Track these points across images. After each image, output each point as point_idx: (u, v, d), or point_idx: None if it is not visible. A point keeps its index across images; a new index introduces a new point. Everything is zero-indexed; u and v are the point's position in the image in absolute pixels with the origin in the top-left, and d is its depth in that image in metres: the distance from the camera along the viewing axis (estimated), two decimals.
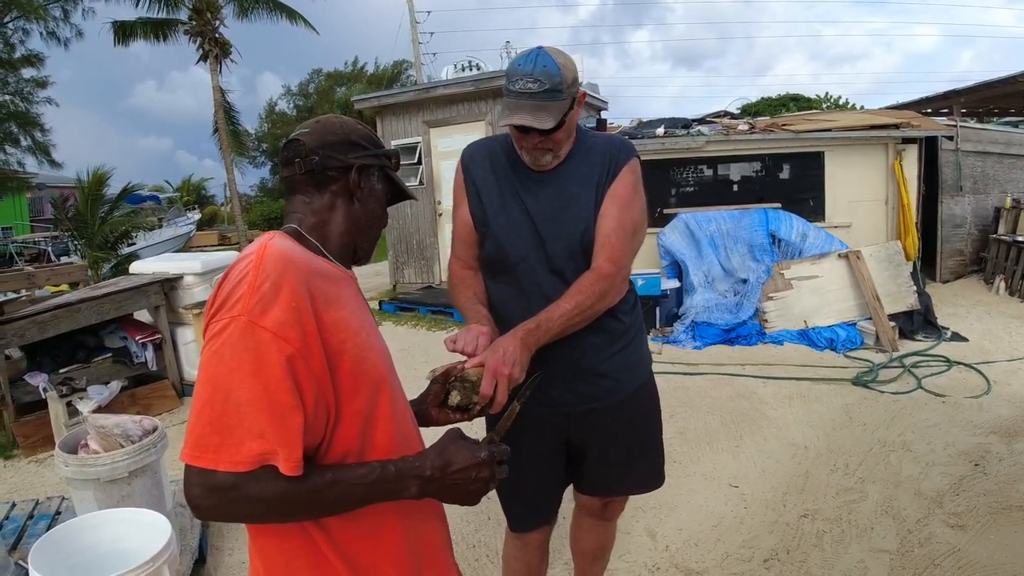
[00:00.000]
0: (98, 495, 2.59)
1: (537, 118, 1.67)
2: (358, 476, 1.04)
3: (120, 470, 2.60)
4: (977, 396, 4.74)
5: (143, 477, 2.70)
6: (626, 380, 1.94)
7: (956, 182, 8.64)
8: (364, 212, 1.28)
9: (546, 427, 1.92)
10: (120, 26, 15.60)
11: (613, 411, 1.93)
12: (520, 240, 1.83)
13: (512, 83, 1.70)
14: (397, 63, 38.03)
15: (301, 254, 1.11)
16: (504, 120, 1.71)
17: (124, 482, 2.63)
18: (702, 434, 4.36)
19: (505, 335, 1.55)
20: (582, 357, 1.85)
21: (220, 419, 0.96)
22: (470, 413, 1.45)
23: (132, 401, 5.08)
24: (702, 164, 8.33)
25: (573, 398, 1.88)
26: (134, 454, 2.65)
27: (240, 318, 0.98)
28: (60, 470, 2.63)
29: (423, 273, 10.48)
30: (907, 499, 3.33)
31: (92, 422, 2.74)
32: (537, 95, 1.67)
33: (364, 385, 1.11)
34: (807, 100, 25.66)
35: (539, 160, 1.81)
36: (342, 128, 1.25)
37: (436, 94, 9.90)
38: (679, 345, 6.56)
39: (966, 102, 12.16)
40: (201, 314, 5.15)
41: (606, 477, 2.05)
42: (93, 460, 2.58)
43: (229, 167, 16.96)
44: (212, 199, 38.56)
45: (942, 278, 8.72)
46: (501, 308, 1.86)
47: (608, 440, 1.97)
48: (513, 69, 1.72)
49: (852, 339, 6.29)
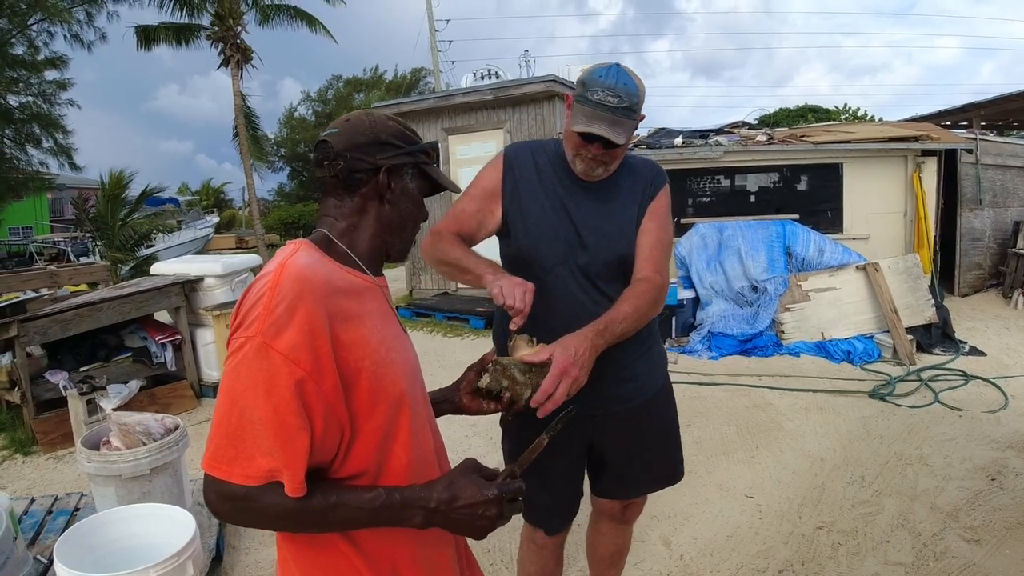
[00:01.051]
0: (119, 491, 2.63)
1: (613, 131, 1.70)
2: (363, 501, 1.06)
3: (142, 467, 2.64)
4: (995, 411, 4.70)
5: (164, 475, 2.74)
6: (648, 382, 2.00)
7: (975, 195, 8.58)
8: (396, 213, 1.25)
9: (570, 430, 1.93)
10: (143, 30, 15.83)
11: (636, 413, 1.98)
12: (558, 245, 1.85)
13: (591, 92, 1.72)
14: (416, 71, 38.31)
15: (322, 271, 1.10)
16: (579, 127, 1.73)
17: (145, 479, 2.67)
18: (718, 444, 4.35)
19: (574, 334, 1.54)
20: (611, 360, 1.84)
21: (236, 433, 1.00)
22: (501, 402, 1.41)
23: (151, 401, 5.13)
24: (719, 174, 8.31)
25: (600, 401, 1.90)
26: (156, 452, 2.69)
27: (255, 339, 1.00)
28: (82, 466, 2.67)
29: (439, 279, 10.52)
30: (923, 512, 3.31)
31: (115, 419, 2.79)
32: (616, 110, 1.70)
33: (382, 402, 1.12)
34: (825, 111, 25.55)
35: (593, 171, 1.83)
36: (371, 127, 1.20)
37: (455, 102, 9.96)
38: (695, 355, 6.55)
39: (986, 115, 12.06)
40: (221, 316, 5.22)
41: (627, 480, 2.08)
42: (116, 457, 2.62)
43: (248, 171, 17.12)
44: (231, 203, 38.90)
45: (960, 292, 8.65)
46: None
47: (631, 442, 2.00)
48: (593, 79, 1.73)
49: (869, 352, 6.25)
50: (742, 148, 8.19)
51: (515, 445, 1.98)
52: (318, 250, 1.16)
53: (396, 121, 1.25)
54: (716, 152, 8.12)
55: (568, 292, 1.84)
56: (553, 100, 9.23)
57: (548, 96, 9.19)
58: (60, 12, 14.27)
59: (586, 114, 1.72)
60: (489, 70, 11.16)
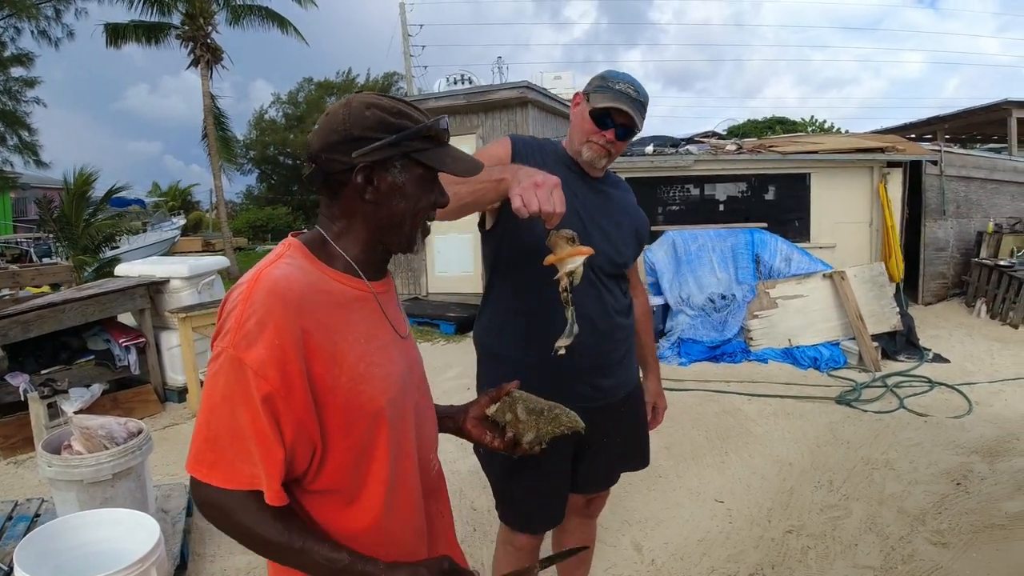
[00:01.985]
0: (81, 497, 2.56)
1: (636, 115, 1.80)
2: (326, 559, 1.04)
3: (104, 472, 2.57)
4: (959, 416, 4.79)
5: (127, 480, 2.67)
6: (631, 376, 2.08)
7: (939, 206, 8.77)
8: (386, 212, 1.13)
9: None
10: (112, 28, 15.56)
11: (619, 407, 2.02)
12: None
13: (611, 83, 1.81)
14: (388, 75, 38.14)
15: (300, 282, 1.05)
16: (604, 103, 1.79)
17: (108, 484, 2.60)
18: (688, 449, 4.37)
19: (654, 382, 2.26)
20: (609, 351, 1.94)
21: (216, 438, 1.00)
22: (503, 438, 1.36)
23: (114, 404, 5.01)
24: (689, 183, 8.40)
25: (596, 393, 1.94)
26: (119, 456, 2.63)
27: (228, 350, 0.99)
28: (43, 470, 2.59)
29: (410, 284, 10.46)
30: (891, 516, 3.36)
31: (77, 423, 2.72)
32: (636, 102, 1.80)
33: (359, 420, 1.09)
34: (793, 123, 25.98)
35: (599, 161, 1.88)
36: (344, 122, 1.09)
37: (428, 106, 9.91)
38: (665, 361, 6.58)
39: (950, 128, 12.39)
40: (187, 319, 5.12)
41: (599, 473, 2.10)
42: (78, 461, 2.55)
43: (217, 173, 16.89)
44: (198, 205, 38.33)
45: (924, 300, 8.83)
46: (521, 301, 1.88)
47: (608, 436, 2.02)
48: (612, 74, 1.84)
49: (836, 358, 6.35)
50: (712, 157, 8.29)
51: (492, 455, 1.95)
52: (307, 254, 1.12)
53: (378, 107, 1.11)
54: (687, 160, 8.20)
55: None
56: (526, 106, 9.25)
57: (521, 102, 9.21)
58: (28, 8, 13.95)
59: (608, 97, 1.79)
60: (462, 75, 11.17)
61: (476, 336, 2.05)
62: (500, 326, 1.94)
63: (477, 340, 2.05)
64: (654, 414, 2.28)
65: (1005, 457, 4.03)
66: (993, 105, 11.48)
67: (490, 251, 1.95)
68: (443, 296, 10.07)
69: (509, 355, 1.91)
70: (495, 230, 1.90)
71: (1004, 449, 4.16)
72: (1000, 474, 3.79)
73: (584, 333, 1.83)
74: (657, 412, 2.29)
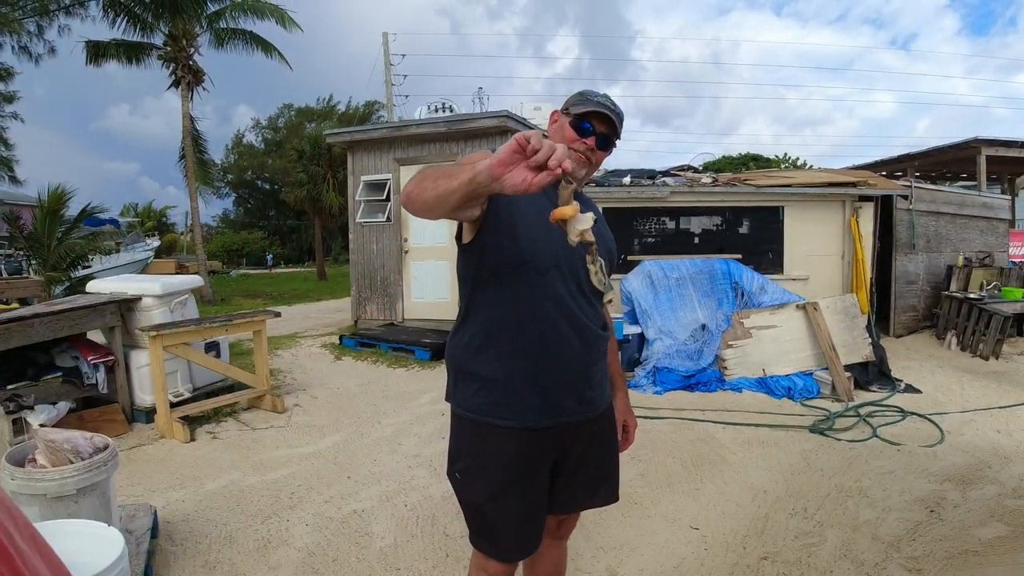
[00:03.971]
0: (43, 511, 2.48)
1: (617, 122, 1.89)
2: None
3: (68, 487, 2.50)
4: (931, 445, 4.84)
5: (91, 496, 2.59)
6: (608, 390, 2.05)
7: (910, 240, 8.96)
8: None
9: (547, 443, 1.88)
10: (93, 46, 15.48)
11: (599, 420, 2.00)
12: (553, 246, 1.78)
13: (591, 96, 1.89)
14: (369, 103, 38.47)
15: None
16: (583, 108, 1.85)
17: (71, 499, 2.52)
18: (663, 477, 4.35)
19: (622, 400, 2.23)
20: (595, 362, 1.92)
21: None
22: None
23: (79, 423, 4.87)
24: (665, 215, 8.51)
25: (581, 406, 1.91)
26: (84, 471, 2.55)
27: None
28: (4, 483, 2.51)
29: (385, 310, 10.40)
30: (865, 543, 3.36)
31: (41, 435, 2.64)
32: (614, 112, 1.88)
33: None
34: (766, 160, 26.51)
35: (580, 170, 1.88)
36: None
37: (408, 132, 9.98)
38: (640, 390, 6.59)
39: (920, 166, 12.68)
40: (157, 337, 5.03)
41: (572, 493, 2.04)
42: (41, 475, 2.47)
43: (193, 195, 16.74)
44: (172, 227, 37.96)
45: (896, 332, 8.96)
46: (507, 315, 1.81)
47: (583, 454, 1.99)
48: (590, 91, 1.91)
49: (809, 388, 6.39)
50: (688, 189, 8.41)
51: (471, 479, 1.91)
52: None
53: None
54: (663, 192, 8.31)
55: (558, 296, 1.81)
56: (506, 135, 9.32)
57: (501, 131, 9.29)
58: (10, 23, 13.86)
59: (589, 105, 1.86)
60: (443, 103, 11.25)
61: (451, 355, 1.95)
62: (482, 342, 1.85)
63: (452, 359, 1.95)
64: (625, 433, 2.24)
65: (977, 485, 4.07)
66: (963, 143, 11.80)
67: (470, 265, 1.87)
68: (418, 322, 10.02)
69: (488, 374, 1.83)
70: (476, 243, 1.82)
71: (976, 477, 4.20)
72: (973, 501, 3.82)
73: (576, 343, 1.84)
74: (628, 431, 2.25)
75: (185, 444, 4.99)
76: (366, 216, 10.50)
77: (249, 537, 3.48)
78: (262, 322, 6.04)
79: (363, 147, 10.53)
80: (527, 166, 1.31)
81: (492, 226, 1.76)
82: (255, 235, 38.55)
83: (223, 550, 3.33)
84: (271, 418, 5.73)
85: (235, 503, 3.92)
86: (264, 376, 6.03)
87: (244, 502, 3.94)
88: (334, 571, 3.14)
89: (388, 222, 10.26)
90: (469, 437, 1.90)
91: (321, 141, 20.95)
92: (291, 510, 3.83)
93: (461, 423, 1.92)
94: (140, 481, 4.26)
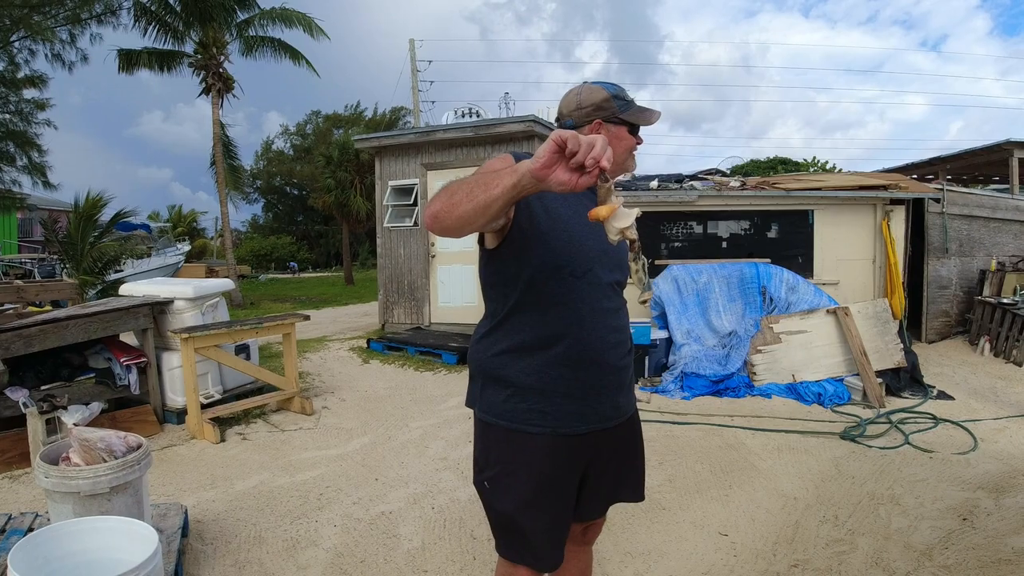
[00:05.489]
0: (77, 509, 2.52)
1: None
2: None
3: (102, 485, 2.54)
4: (964, 452, 4.74)
5: (124, 494, 2.63)
6: (634, 397, 2.03)
7: (943, 244, 8.79)
8: None
9: (580, 449, 1.84)
10: (125, 54, 15.79)
11: (626, 427, 1.97)
12: (589, 250, 1.75)
13: (625, 94, 1.92)
14: (396, 109, 38.76)
15: None
16: (647, 117, 1.92)
17: (104, 498, 2.56)
18: (691, 482, 4.31)
19: None
20: (625, 368, 1.91)
21: None
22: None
23: (112, 424, 4.96)
24: (693, 220, 8.43)
25: (615, 412, 1.89)
26: (117, 469, 2.59)
27: None
28: (40, 481, 2.56)
29: (413, 314, 10.46)
30: (897, 551, 3.30)
31: (76, 434, 2.69)
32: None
33: None
34: (795, 164, 26.19)
35: (631, 163, 1.97)
36: None
37: (436, 138, 10.03)
38: (667, 395, 6.54)
39: (952, 168, 12.46)
40: (189, 339, 5.11)
41: (600, 497, 2.01)
42: (75, 472, 2.52)
43: (223, 200, 16.99)
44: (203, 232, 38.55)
45: (928, 338, 8.79)
46: (546, 326, 1.74)
47: (611, 459, 1.96)
48: (618, 88, 1.93)
49: (840, 394, 6.30)
50: (716, 193, 8.33)
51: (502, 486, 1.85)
52: None
53: None
54: (691, 196, 8.25)
55: (595, 299, 1.77)
56: (532, 140, 9.33)
57: (528, 136, 9.30)
58: (43, 31, 14.18)
59: (645, 114, 1.92)
60: (470, 108, 11.30)
61: (478, 360, 1.88)
62: (516, 348, 1.77)
63: (479, 364, 1.88)
64: None
65: (1011, 493, 3.98)
66: (995, 145, 11.57)
67: (498, 271, 1.78)
68: (445, 326, 10.05)
69: (523, 381, 1.77)
70: (505, 248, 1.73)
71: (1010, 485, 4.10)
72: (1007, 509, 3.73)
73: (612, 349, 1.83)
74: None
75: (215, 445, 5.05)
76: (393, 221, 10.57)
77: (278, 537, 3.51)
78: (291, 325, 6.10)
79: (391, 152, 10.61)
80: (567, 167, 1.27)
81: (524, 230, 1.69)
82: (284, 240, 39.01)
83: (252, 550, 3.36)
84: (300, 420, 5.78)
85: (264, 503, 3.96)
86: (293, 378, 6.09)
87: (273, 503, 3.97)
88: (362, 572, 3.16)
89: (415, 226, 10.32)
90: (498, 444, 1.83)
91: (349, 147, 21.16)
92: (320, 511, 3.85)
93: (489, 429, 1.86)
94: (171, 481, 4.32)
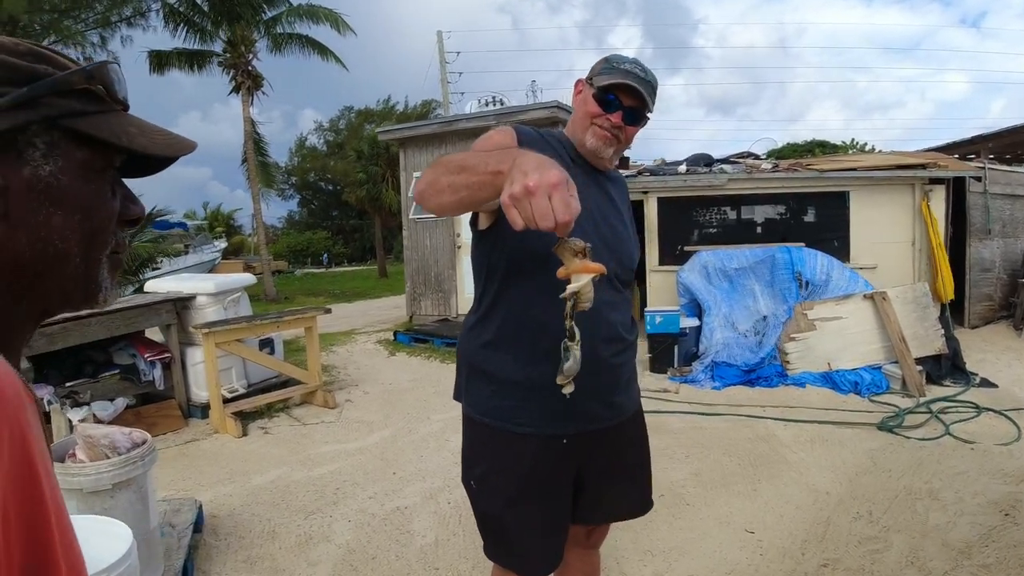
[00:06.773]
0: (80, 506, 2.50)
1: (646, 94, 1.64)
2: None
3: (104, 481, 2.51)
4: (1007, 443, 4.51)
5: (127, 491, 2.60)
6: (635, 395, 1.89)
7: (985, 225, 8.43)
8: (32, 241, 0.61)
9: (571, 451, 1.73)
10: (156, 55, 16.00)
11: (626, 427, 1.85)
12: (581, 235, 1.65)
13: (617, 63, 1.66)
14: (426, 102, 38.79)
15: None
16: (609, 79, 1.62)
17: (107, 494, 2.53)
18: (717, 476, 4.17)
19: None
20: (625, 363, 1.79)
21: None
22: None
23: (137, 419, 5.00)
24: (725, 204, 8.20)
25: (610, 412, 1.77)
26: (119, 466, 2.56)
27: None
28: None
29: (440, 305, 10.42)
30: (934, 549, 3.13)
31: (80, 431, 2.67)
32: (645, 81, 1.65)
33: None
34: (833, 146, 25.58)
35: (605, 149, 1.71)
36: None
37: (459, 127, 9.96)
38: (697, 385, 6.39)
39: (994, 147, 12.03)
40: (211, 334, 5.11)
41: (601, 503, 1.89)
42: (77, 469, 2.49)
43: (256, 197, 17.18)
44: (240, 229, 39.15)
45: (970, 323, 8.45)
46: (529, 315, 1.64)
47: (618, 458, 1.85)
48: (617, 56, 1.69)
49: (877, 383, 6.07)
50: (747, 176, 8.11)
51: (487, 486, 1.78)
52: None
53: None
54: (720, 179, 8.04)
55: None
56: (556, 126, 9.18)
57: (552, 122, 9.16)
58: (74, 35, 14.43)
59: (615, 76, 1.63)
60: (493, 97, 11.20)
61: (465, 350, 1.79)
62: (500, 340, 1.69)
63: (465, 354, 1.79)
64: None
65: None
66: None
67: (487, 254, 1.70)
68: None
69: (506, 376, 1.68)
70: (492, 231, 1.65)
71: None
72: None
73: (604, 344, 1.69)
74: None
75: (237, 439, 5.05)
76: (419, 212, 10.53)
77: (291, 532, 3.47)
78: (312, 319, 6.08)
79: (414, 144, 10.57)
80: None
81: None
82: (319, 235, 39.46)
83: (265, 545, 3.33)
84: (322, 414, 5.77)
85: (280, 498, 3.93)
86: (316, 372, 6.07)
87: (289, 497, 3.94)
88: (372, 568, 3.10)
89: (440, 217, 10.27)
90: (484, 442, 1.75)
91: (378, 141, 21.23)
92: (334, 506, 3.81)
93: (474, 427, 1.77)
94: (191, 475, 4.32)
